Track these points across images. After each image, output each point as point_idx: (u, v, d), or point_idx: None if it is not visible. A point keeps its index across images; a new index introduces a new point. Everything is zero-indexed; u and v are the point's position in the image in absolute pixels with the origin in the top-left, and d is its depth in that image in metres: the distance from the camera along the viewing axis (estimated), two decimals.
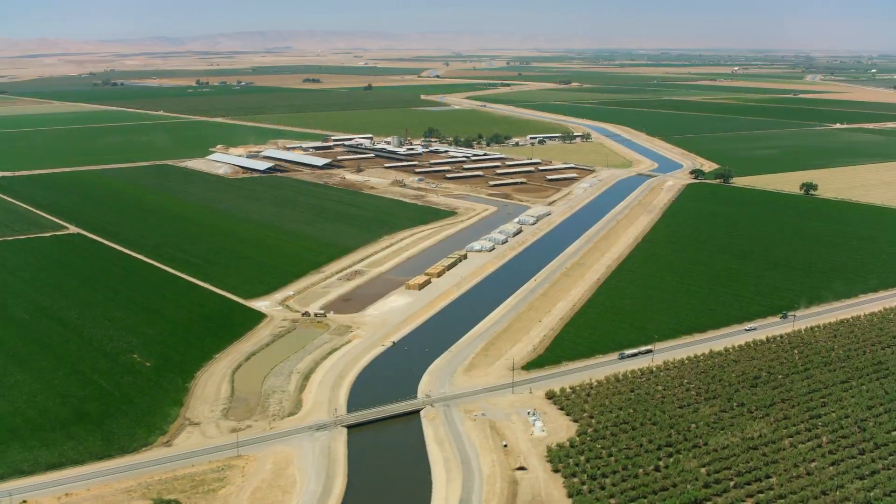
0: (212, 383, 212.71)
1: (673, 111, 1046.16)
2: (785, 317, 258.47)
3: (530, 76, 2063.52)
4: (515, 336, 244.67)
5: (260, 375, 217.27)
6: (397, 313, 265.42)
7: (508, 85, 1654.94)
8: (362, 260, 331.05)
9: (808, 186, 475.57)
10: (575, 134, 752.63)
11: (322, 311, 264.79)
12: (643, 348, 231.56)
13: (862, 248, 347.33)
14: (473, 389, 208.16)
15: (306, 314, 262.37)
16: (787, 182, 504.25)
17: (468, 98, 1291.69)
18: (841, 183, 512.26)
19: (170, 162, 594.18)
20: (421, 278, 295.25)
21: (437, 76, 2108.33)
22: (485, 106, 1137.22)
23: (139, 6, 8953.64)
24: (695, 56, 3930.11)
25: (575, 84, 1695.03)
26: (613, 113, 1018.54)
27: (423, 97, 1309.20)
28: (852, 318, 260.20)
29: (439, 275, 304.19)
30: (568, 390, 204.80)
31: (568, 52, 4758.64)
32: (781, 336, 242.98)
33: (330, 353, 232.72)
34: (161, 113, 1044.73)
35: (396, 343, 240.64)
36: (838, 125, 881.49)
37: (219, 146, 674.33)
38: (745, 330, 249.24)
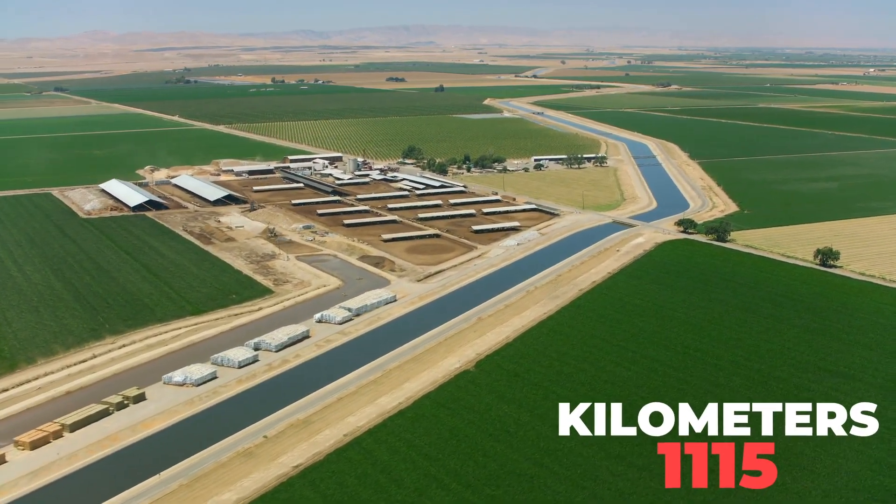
0: None
1: (751, 123, 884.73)
2: None
3: (637, 77, 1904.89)
4: None
5: None
6: None
7: (598, 88, 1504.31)
8: (5, 391, 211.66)
9: (826, 255, 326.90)
10: (587, 156, 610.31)
11: None
12: None
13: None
14: None
15: None
16: (812, 240, 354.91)
17: (536, 103, 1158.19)
18: (888, 244, 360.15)
19: (54, 190, 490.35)
20: None
21: (535, 76, 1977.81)
22: (541, 113, 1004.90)
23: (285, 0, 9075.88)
24: (839, 56, 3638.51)
25: (674, 87, 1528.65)
26: (676, 125, 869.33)
27: (486, 101, 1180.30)
28: None
29: (37, 445, 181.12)
30: None
31: (709, 50, 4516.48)
32: None
33: None
34: (176, 118, 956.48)
35: None
36: None
37: (147, 167, 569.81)
38: None
